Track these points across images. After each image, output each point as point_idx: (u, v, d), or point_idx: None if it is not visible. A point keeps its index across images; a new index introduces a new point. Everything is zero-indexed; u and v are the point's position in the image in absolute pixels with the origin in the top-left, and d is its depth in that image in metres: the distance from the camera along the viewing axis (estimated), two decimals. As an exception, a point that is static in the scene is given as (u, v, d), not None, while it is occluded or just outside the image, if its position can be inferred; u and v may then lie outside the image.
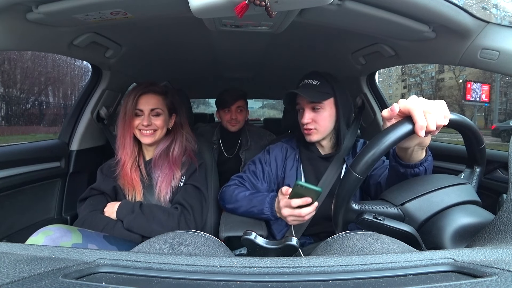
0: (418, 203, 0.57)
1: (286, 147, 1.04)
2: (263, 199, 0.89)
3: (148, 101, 0.96)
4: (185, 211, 0.93)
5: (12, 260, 0.31)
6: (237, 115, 1.52)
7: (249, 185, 1.01)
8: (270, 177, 1.01)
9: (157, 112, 0.97)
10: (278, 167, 1.01)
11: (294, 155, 1.01)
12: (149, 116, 0.96)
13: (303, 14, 0.77)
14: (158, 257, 0.34)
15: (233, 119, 1.51)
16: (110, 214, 0.92)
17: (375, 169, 0.90)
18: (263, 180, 1.00)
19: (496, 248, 0.35)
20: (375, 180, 0.88)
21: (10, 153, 1.02)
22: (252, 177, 1.01)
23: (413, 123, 0.51)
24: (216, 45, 1.20)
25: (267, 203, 0.87)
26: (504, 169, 1.02)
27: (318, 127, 0.92)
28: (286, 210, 0.77)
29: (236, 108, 1.51)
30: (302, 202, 0.74)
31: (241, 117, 1.54)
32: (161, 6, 0.71)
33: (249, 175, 1.02)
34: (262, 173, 1.01)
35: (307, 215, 0.76)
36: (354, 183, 0.55)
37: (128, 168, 0.97)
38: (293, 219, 0.78)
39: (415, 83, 30.25)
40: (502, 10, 20.67)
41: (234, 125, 1.53)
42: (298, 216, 0.76)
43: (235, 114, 1.51)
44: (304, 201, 0.74)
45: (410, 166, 0.64)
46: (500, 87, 17.48)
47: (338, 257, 0.35)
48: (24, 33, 0.76)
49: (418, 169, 0.64)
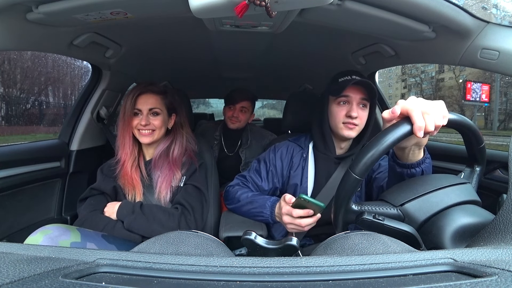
0: (417, 203, 0.57)
1: (292, 146, 1.02)
2: (264, 202, 0.88)
3: (147, 101, 0.96)
4: (185, 211, 0.93)
5: (12, 260, 0.31)
6: (239, 114, 1.54)
7: (252, 185, 1.00)
8: (274, 177, 1.00)
9: (155, 112, 0.97)
10: (284, 166, 1.00)
11: (301, 154, 1.00)
12: (147, 115, 0.96)
13: (303, 14, 0.77)
14: (158, 257, 0.34)
15: (234, 117, 1.54)
16: (110, 214, 0.92)
17: (380, 173, 0.90)
18: (267, 180, 1.00)
19: (496, 248, 0.35)
20: (378, 183, 0.87)
21: (10, 153, 1.02)
22: (256, 177, 1.00)
23: (411, 124, 0.51)
24: (216, 45, 1.20)
25: (268, 207, 0.87)
26: (504, 169, 1.02)
27: (360, 123, 0.91)
28: (286, 217, 0.77)
29: (240, 107, 1.54)
30: (304, 213, 0.74)
31: (243, 117, 1.56)
32: (161, 6, 0.71)
33: (252, 175, 1.01)
34: (266, 173, 1.00)
35: (307, 226, 0.75)
36: (353, 184, 0.55)
37: (128, 167, 0.97)
38: (293, 228, 0.77)
39: (415, 83, 30.26)
40: (502, 10, 20.68)
41: (234, 123, 1.55)
42: (298, 226, 0.76)
43: (237, 113, 1.54)
44: (306, 212, 0.74)
45: (407, 166, 0.64)
46: (500, 87, 17.48)
47: (338, 257, 0.35)
48: (24, 33, 0.76)
49: (415, 170, 0.64)
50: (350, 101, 0.90)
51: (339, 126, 0.92)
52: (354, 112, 0.89)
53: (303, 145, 1.02)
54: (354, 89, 0.89)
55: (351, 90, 0.90)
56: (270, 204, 0.87)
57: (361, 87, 0.89)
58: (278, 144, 1.05)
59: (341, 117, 0.91)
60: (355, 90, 0.89)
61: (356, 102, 0.90)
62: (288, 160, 1.01)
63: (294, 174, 0.98)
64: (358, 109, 0.90)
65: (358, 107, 0.90)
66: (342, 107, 0.91)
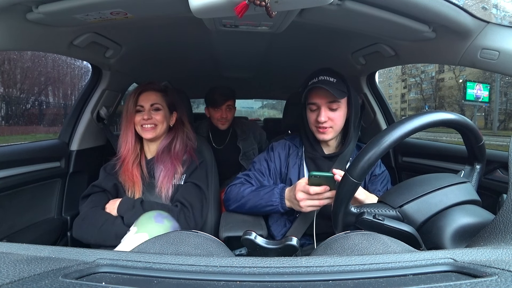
0: (416, 205, 0.57)
1: (289, 145, 1.04)
2: (271, 191, 0.88)
3: (148, 97, 1.01)
4: (184, 208, 0.94)
5: (12, 260, 0.31)
6: (227, 114, 1.56)
7: (255, 182, 1.00)
8: (276, 173, 1.01)
9: (157, 107, 1.01)
10: (282, 164, 1.01)
11: (296, 153, 1.01)
12: (149, 110, 1.00)
13: (303, 14, 0.77)
14: (158, 257, 0.34)
15: (223, 118, 1.55)
16: (111, 211, 0.94)
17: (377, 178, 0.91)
18: (269, 177, 1.01)
19: (496, 248, 0.35)
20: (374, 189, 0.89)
21: (10, 153, 1.02)
22: (259, 174, 1.01)
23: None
24: (216, 45, 1.20)
25: (277, 194, 0.86)
26: (504, 169, 1.02)
27: (334, 125, 0.91)
28: (301, 194, 0.77)
29: (226, 107, 1.55)
30: (321, 190, 0.74)
31: (231, 115, 1.59)
32: (161, 6, 0.71)
33: (255, 172, 1.01)
34: (268, 170, 1.01)
35: (327, 199, 0.76)
36: (351, 188, 0.56)
37: (130, 164, 0.99)
38: (308, 204, 0.78)
39: (415, 83, 30.27)
40: (502, 10, 20.67)
41: (223, 124, 1.57)
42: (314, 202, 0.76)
43: (225, 113, 1.55)
44: (324, 189, 0.75)
45: None
46: (500, 87, 17.48)
47: (338, 257, 0.35)
48: (24, 33, 0.76)
49: None
50: (318, 106, 0.91)
51: (313, 130, 0.94)
52: (321, 117, 0.89)
53: (298, 144, 1.03)
54: (320, 93, 0.89)
55: (317, 94, 0.89)
56: (279, 190, 0.87)
57: (327, 88, 0.86)
58: (276, 143, 1.06)
59: (313, 122, 0.93)
60: (322, 93, 0.88)
61: (325, 106, 0.90)
62: (285, 158, 1.02)
63: (291, 172, 0.99)
64: (328, 112, 0.90)
65: (327, 111, 0.90)
66: (313, 113, 0.92)
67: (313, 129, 0.94)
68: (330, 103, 0.89)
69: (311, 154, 0.98)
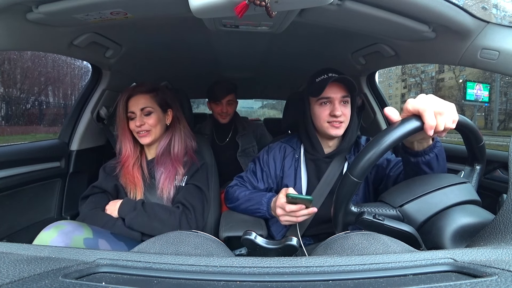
0: (416, 205, 0.57)
1: (284, 147, 1.04)
2: (260, 199, 0.92)
3: (137, 102, 0.97)
4: (186, 210, 0.93)
5: (12, 260, 0.31)
6: (228, 108, 1.56)
7: (249, 185, 1.03)
8: (268, 177, 1.02)
9: (148, 111, 0.98)
10: (277, 167, 1.02)
11: (292, 155, 1.01)
12: (141, 116, 0.97)
13: (303, 14, 0.77)
14: (158, 257, 0.34)
15: (223, 112, 1.56)
16: (112, 212, 0.93)
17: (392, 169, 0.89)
18: (262, 180, 1.02)
19: (496, 248, 0.35)
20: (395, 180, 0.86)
21: (10, 153, 1.02)
22: (252, 177, 1.04)
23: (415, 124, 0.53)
24: (216, 45, 1.20)
25: (264, 203, 0.90)
26: (504, 169, 1.02)
27: (345, 120, 0.91)
28: (279, 210, 0.81)
29: (226, 102, 1.55)
30: (296, 209, 0.77)
31: (231, 110, 1.59)
32: (161, 6, 0.71)
33: (249, 175, 1.04)
34: (261, 173, 1.03)
35: (301, 217, 0.79)
36: (352, 187, 0.55)
37: (130, 166, 0.98)
38: (286, 219, 0.81)
39: (415, 83, 30.28)
40: (502, 10, 20.68)
41: (224, 118, 1.58)
42: (291, 218, 0.80)
43: (226, 108, 1.55)
44: (299, 207, 0.77)
45: (420, 154, 0.65)
46: (500, 87, 17.48)
47: (338, 257, 0.35)
48: (24, 33, 0.76)
49: (429, 155, 0.64)
50: (331, 101, 0.90)
51: (324, 126, 0.92)
52: (337, 111, 0.88)
53: (295, 146, 1.03)
54: (333, 88, 0.89)
55: (330, 89, 0.89)
56: (266, 200, 0.91)
57: (340, 83, 0.89)
58: (272, 145, 1.06)
59: (325, 117, 0.91)
60: (335, 88, 0.89)
61: (338, 101, 0.90)
62: (280, 160, 1.02)
63: (287, 175, 0.99)
64: (341, 107, 0.90)
65: (340, 105, 0.90)
66: (325, 107, 0.91)
67: (324, 125, 0.92)
68: (344, 97, 0.90)
69: (312, 155, 0.98)
